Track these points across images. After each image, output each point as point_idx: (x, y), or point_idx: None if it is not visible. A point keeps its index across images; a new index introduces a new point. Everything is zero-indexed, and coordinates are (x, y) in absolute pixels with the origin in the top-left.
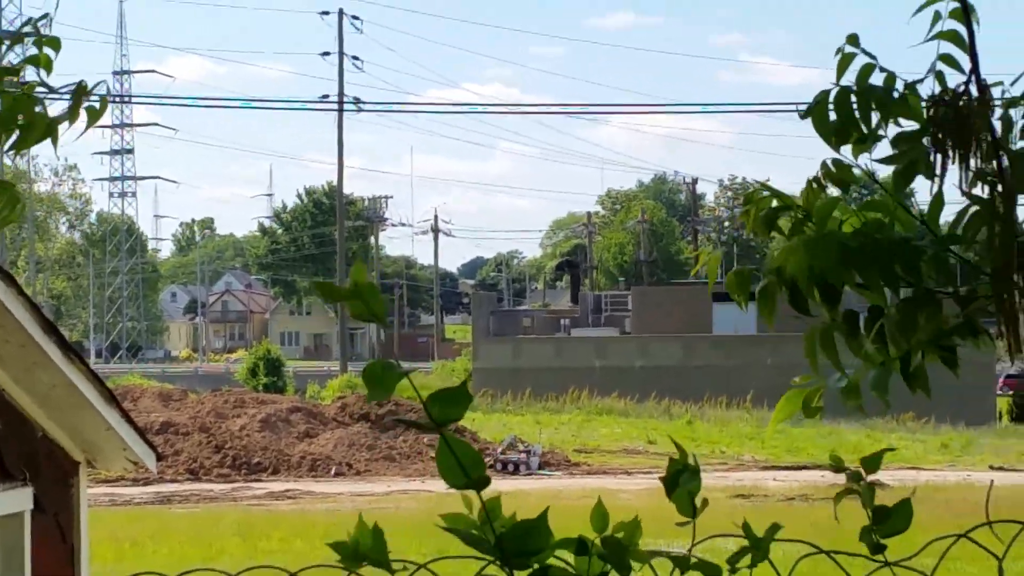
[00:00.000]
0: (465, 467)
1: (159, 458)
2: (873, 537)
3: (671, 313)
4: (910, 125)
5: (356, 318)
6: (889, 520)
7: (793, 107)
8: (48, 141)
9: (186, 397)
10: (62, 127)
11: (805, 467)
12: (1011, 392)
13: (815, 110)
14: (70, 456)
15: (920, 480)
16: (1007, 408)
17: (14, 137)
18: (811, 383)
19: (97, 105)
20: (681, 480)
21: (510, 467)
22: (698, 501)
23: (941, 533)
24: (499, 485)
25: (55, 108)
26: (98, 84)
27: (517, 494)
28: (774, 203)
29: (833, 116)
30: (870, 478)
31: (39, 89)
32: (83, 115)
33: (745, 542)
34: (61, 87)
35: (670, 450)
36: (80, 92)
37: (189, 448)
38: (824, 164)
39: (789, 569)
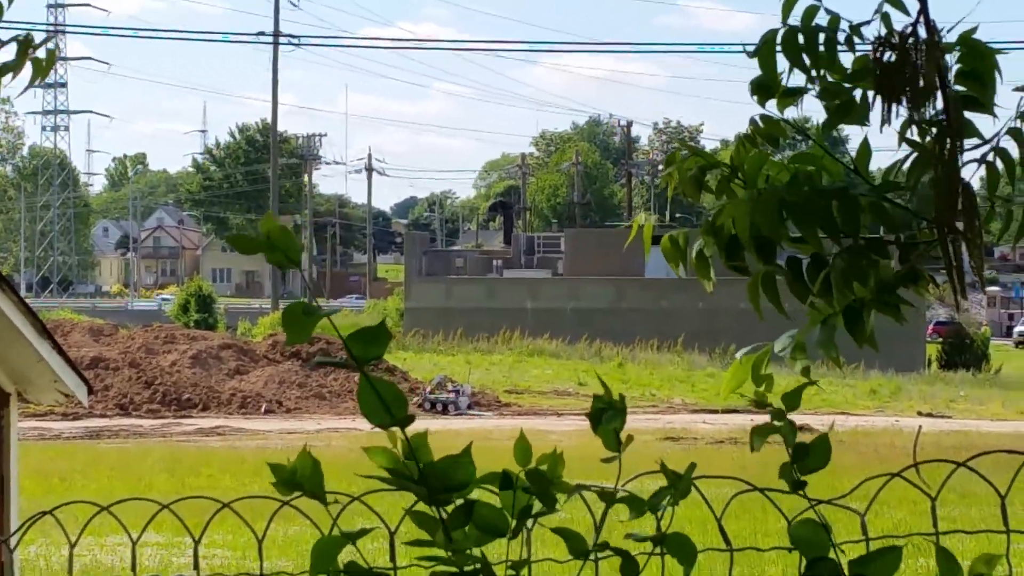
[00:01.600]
0: (388, 405)
1: (91, 390)
2: (794, 474)
3: (603, 255)
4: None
5: (274, 264)
6: (808, 457)
7: (730, 48)
8: None
9: (117, 332)
10: (5, 79)
11: (735, 411)
12: (940, 339)
13: (762, 50)
14: (1, 388)
15: (849, 425)
16: (936, 355)
17: None
18: (756, 348)
19: (44, 58)
20: (604, 418)
21: (439, 407)
22: (624, 438)
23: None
24: (428, 425)
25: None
26: (46, 39)
27: (446, 434)
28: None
29: (781, 57)
30: (793, 417)
31: None
32: (27, 68)
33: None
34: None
35: (601, 391)
36: (26, 45)
37: (119, 383)
38: (752, 120)
39: (722, 508)
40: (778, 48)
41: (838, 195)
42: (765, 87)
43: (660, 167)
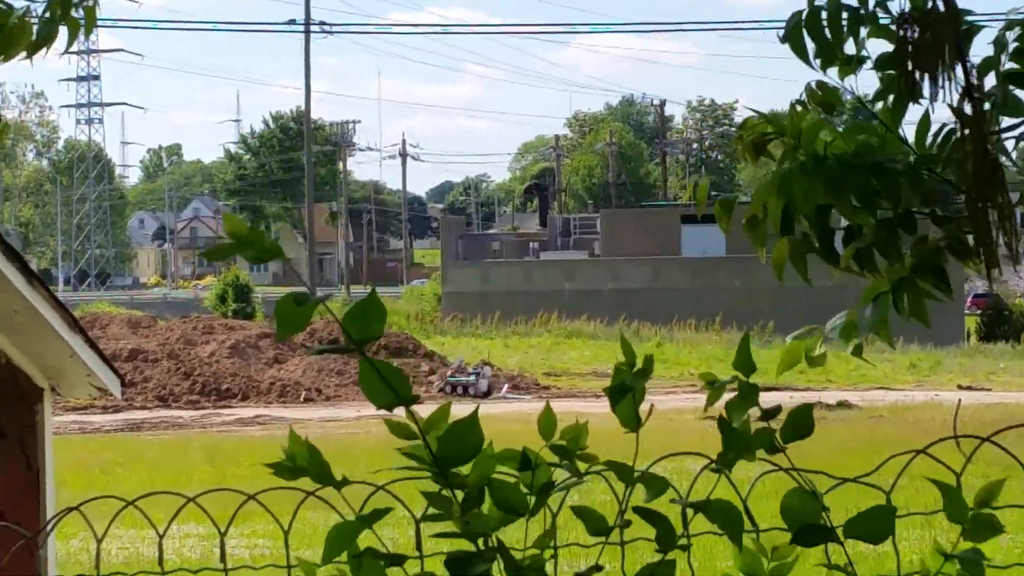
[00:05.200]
0: (393, 386)
1: (124, 384)
2: (774, 440)
3: (640, 236)
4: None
5: (253, 262)
6: (789, 423)
7: (760, 27)
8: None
9: (155, 324)
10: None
11: (774, 388)
12: (979, 311)
13: (792, 32)
14: (34, 382)
15: (888, 400)
16: (975, 327)
17: None
18: (809, 331)
19: (82, 19)
20: (627, 380)
21: (459, 390)
22: (644, 411)
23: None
24: (466, 410)
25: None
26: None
27: (485, 419)
28: (769, 128)
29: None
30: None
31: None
32: (63, 31)
33: (704, 461)
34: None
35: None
36: (67, 2)
37: (158, 375)
38: (808, 87)
39: (749, 486)
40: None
41: (875, 168)
42: (828, 53)
43: (695, 146)
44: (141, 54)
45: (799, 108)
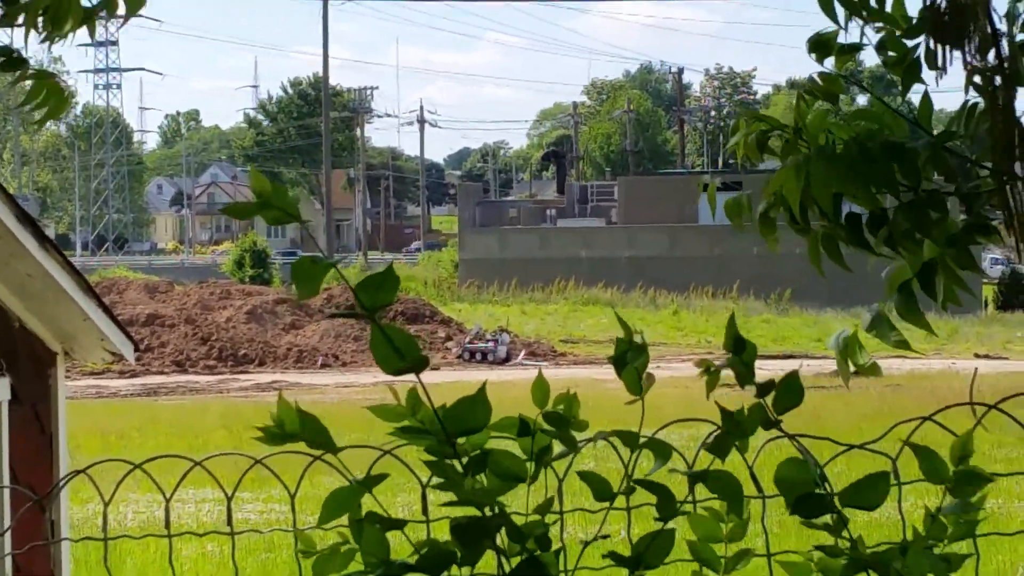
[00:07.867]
0: (401, 351)
1: (138, 349)
2: (769, 413)
3: (657, 203)
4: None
5: (273, 223)
6: (779, 394)
7: None
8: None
9: (172, 289)
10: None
11: (791, 356)
12: (997, 280)
13: None
14: (47, 347)
15: (905, 368)
16: (993, 296)
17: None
18: (840, 335)
19: None
20: (628, 358)
21: (478, 356)
22: (645, 378)
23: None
24: (486, 375)
25: None
26: None
27: (502, 385)
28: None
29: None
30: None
31: None
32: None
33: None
34: None
35: (656, 340)
36: None
37: (175, 340)
38: (811, 78)
39: (755, 453)
40: None
41: (893, 148)
42: (823, 45)
43: (712, 113)
44: (159, 19)
45: (805, 99)
